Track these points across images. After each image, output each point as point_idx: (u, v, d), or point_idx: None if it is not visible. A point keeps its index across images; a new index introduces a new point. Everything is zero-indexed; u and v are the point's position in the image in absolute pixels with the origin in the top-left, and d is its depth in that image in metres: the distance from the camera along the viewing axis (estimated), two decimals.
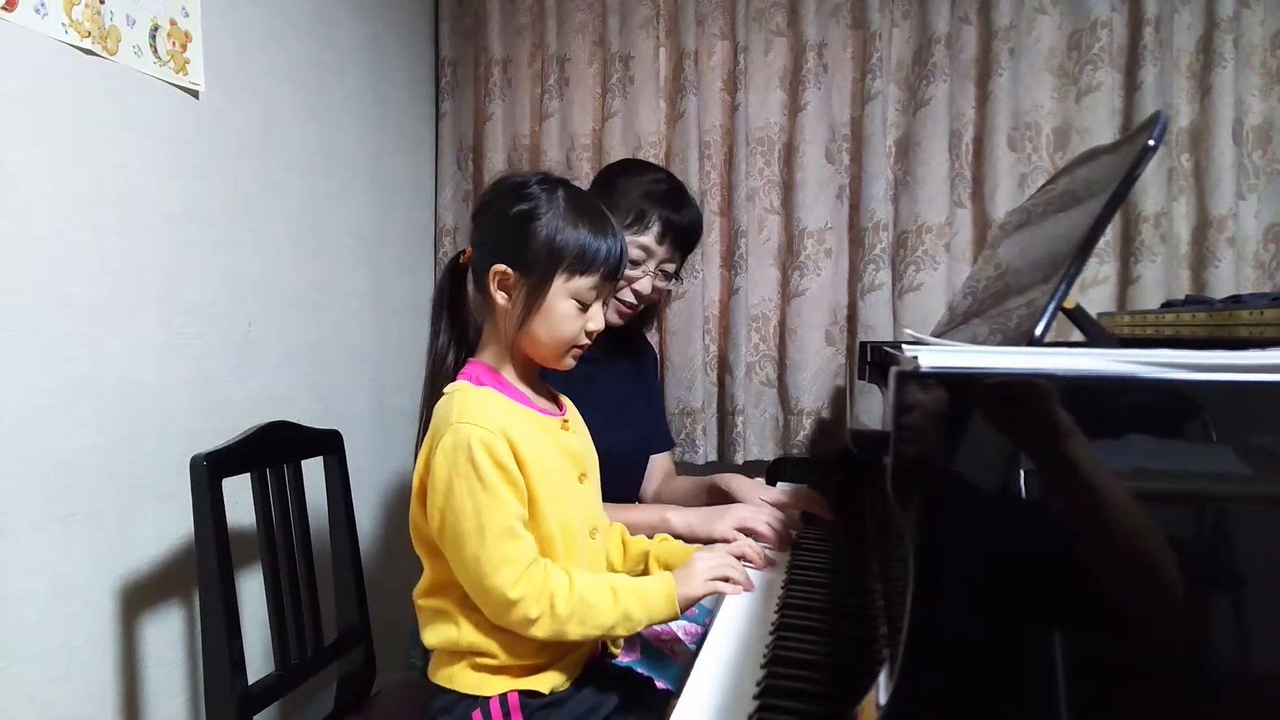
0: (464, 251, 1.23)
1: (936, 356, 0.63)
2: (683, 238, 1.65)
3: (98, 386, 1.34)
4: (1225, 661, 0.61)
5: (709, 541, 1.42)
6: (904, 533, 0.63)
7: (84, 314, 1.32)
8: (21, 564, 1.23)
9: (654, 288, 1.64)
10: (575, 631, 1.07)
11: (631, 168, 1.77)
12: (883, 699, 0.62)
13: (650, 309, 1.79)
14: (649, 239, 1.59)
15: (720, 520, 1.43)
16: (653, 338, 2.22)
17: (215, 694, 1.22)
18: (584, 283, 1.14)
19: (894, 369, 0.64)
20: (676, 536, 1.43)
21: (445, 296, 1.23)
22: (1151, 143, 0.90)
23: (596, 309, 1.18)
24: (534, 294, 1.13)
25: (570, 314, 1.15)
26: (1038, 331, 0.84)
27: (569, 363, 1.19)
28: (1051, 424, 0.61)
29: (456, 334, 1.23)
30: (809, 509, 1.55)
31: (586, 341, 1.19)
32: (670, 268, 1.66)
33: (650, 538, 1.35)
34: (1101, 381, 0.61)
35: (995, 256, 1.38)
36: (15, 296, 1.21)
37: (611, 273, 1.17)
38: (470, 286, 1.22)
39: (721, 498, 1.64)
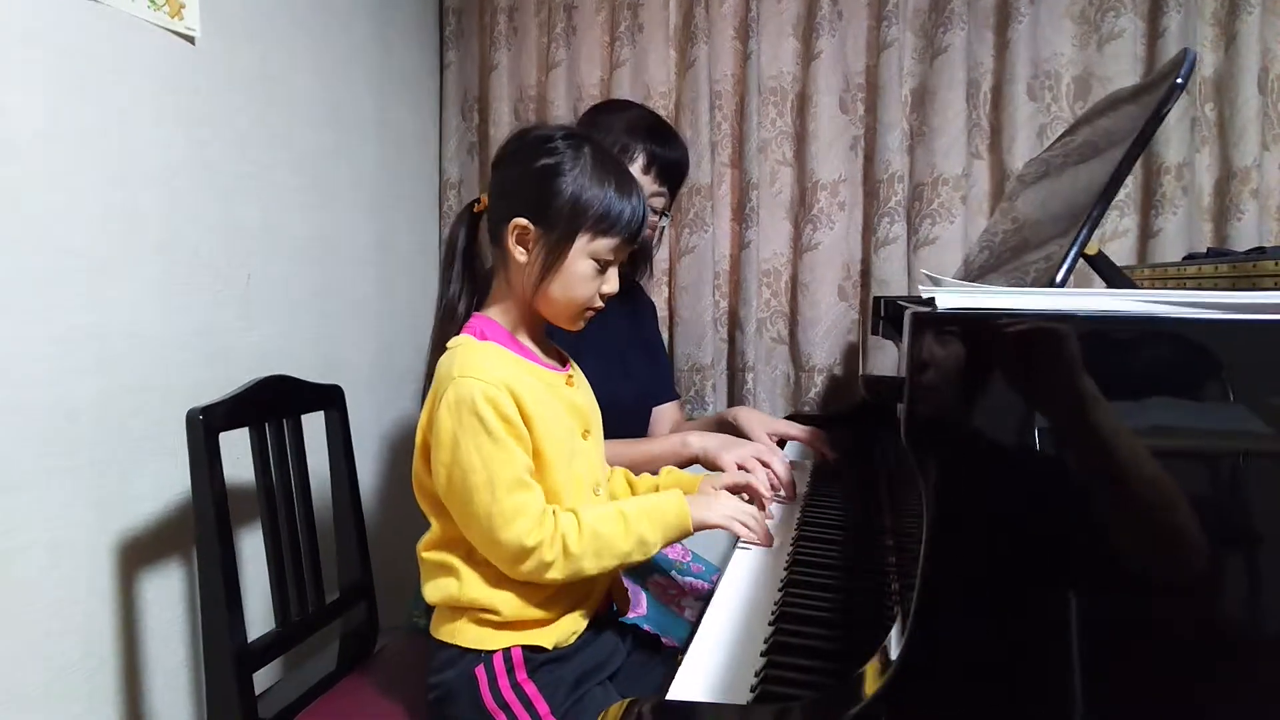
0: (479, 200, 1.19)
1: (954, 298, 0.59)
2: (669, 171, 1.60)
3: (98, 336, 1.32)
4: (1263, 621, 0.58)
5: (720, 468, 1.39)
6: (919, 483, 0.60)
7: (83, 263, 1.29)
8: (24, 516, 1.22)
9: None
10: (592, 566, 1.05)
11: (616, 104, 1.72)
12: (894, 654, 0.59)
13: (643, 255, 1.75)
14: (634, 170, 1.53)
15: (734, 449, 1.40)
16: (661, 293, 2.19)
17: (214, 650, 1.20)
18: (605, 244, 1.11)
19: (909, 311, 0.61)
20: (694, 460, 1.43)
21: (457, 246, 1.20)
22: (1180, 81, 0.86)
23: (613, 272, 1.14)
24: (554, 252, 1.10)
25: (588, 275, 1.12)
26: (1058, 277, 0.81)
27: (580, 324, 1.17)
28: (1077, 369, 0.57)
29: (467, 285, 1.20)
30: (813, 445, 1.52)
31: (600, 304, 1.16)
32: (658, 203, 1.61)
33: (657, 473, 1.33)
34: (1132, 323, 0.58)
35: (1013, 209, 1.34)
36: (14, 245, 1.18)
37: (632, 235, 1.14)
38: (485, 237, 1.18)
39: (730, 432, 1.61)
